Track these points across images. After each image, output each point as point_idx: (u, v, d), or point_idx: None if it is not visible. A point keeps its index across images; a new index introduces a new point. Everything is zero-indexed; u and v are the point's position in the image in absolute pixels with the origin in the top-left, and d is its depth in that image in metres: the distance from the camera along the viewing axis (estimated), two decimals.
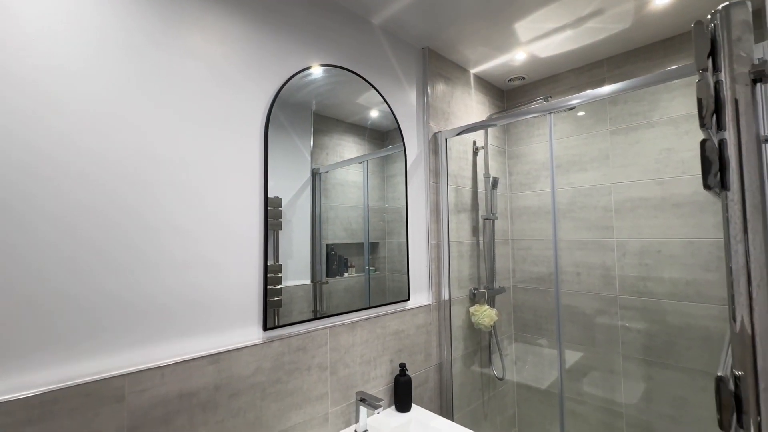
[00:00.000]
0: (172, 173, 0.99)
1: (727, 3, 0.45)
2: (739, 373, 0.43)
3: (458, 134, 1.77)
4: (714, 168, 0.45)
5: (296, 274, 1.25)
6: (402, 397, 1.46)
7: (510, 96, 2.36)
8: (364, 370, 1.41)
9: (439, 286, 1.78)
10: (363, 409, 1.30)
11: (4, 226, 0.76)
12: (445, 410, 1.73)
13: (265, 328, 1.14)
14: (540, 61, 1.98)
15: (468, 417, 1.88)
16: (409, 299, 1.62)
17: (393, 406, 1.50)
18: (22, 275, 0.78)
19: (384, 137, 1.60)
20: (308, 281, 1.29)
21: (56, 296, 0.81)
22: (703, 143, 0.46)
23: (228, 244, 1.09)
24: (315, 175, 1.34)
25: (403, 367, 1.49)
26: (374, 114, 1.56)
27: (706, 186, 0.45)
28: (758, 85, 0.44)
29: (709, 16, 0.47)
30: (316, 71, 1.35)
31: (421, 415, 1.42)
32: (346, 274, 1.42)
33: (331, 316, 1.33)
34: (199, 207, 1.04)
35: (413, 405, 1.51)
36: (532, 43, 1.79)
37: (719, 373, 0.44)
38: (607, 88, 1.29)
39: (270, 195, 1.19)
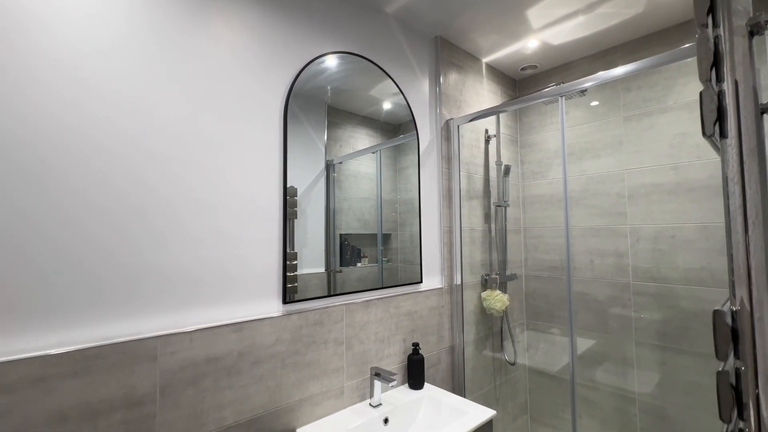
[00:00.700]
0: (199, 154, 1.05)
1: None
2: (737, 308, 0.46)
3: (470, 121, 1.80)
4: (712, 117, 0.48)
5: (311, 262, 1.29)
6: (415, 374, 1.50)
7: (522, 85, 2.37)
8: (378, 348, 1.46)
9: (452, 270, 1.81)
10: (377, 383, 1.35)
11: (59, 197, 0.83)
12: (458, 391, 1.77)
13: (284, 302, 1.20)
14: (552, 49, 1.99)
15: (480, 400, 1.91)
16: (421, 282, 1.66)
17: (406, 384, 1.54)
18: (75, 240, 0.85)
19: (396, 130, 1.63)
20: (322, 269, 1.33)
21: (102, 261, 0.88)
22: (701, 94, 0.48)
23: (250, 221, 1.14)
24: (329, 166, 1.38)
25: (416, 346, 1.53)
26: (387, 106, 1.59)
27: (705, 134, 0.48)
28: (754, 37, 0.47)
29: None
30: (331, 59, 1.39)
31: (433, 392, 1.46)
32: (359, 264, 1.46)
33: (346, 294, 1.37)
34: (224, 186, 1.10)
35: (426, 383, 1.55)
36: (545, 30, 1.80)
37: (717, 308, 0.47)
38: (620, 69, 1.31)
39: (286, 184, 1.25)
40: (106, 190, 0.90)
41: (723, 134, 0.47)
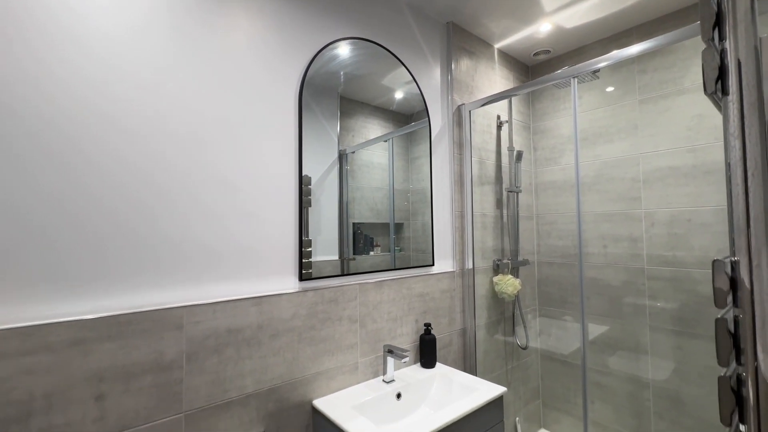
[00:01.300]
0: (219, 135, 1.10)
1: None
2: (735, 258, 0.48)
3: (482, 106, 1.80)
4: (714, 75, 0.49)
5: (324, 249, 1.33)
6: (427, 354, 1.53)
7: (535, 72, 2.35)
8: (390, 327, 1.50)
9: (463, 255, 1.83)
10: (390, 360, 1.39)
11: (84, 178, 0.89)
12: (469, 373, 1.79)
13: (301, 279, 1.25)
14: (566, 33, 1.97)
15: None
16: (433, 265, 1.69)
17: (418, 363, 1.58)
18: (105, 217, 0.91)
19: (408, 120, 1.65)
20: (336, 257, 1.36)
21: (130, 236, 0.94)
22: (704, 53, 0.50)
23: (268, 202, 1.19)
24: (342, 156, 1.41)
25: (427, 326, 1.56)
26: (399, 95, 1.61)
27: (706, 92, 0.50)
28: None
29: None
30: (344, 46, 1.42)
31: (445, 371, 1.49)
32: (371, 253, 1.49)
33: (360, 274, 1.42)
34: (243, 167, 1.14)
35: (437, 363, 1.59)
36: (558, 13, 1.79)
37: (717, 257, 0.49)
38: (634, 48, 1.30)
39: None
40: (129, 169, 0.96)
41: (725, 91, 0.49)
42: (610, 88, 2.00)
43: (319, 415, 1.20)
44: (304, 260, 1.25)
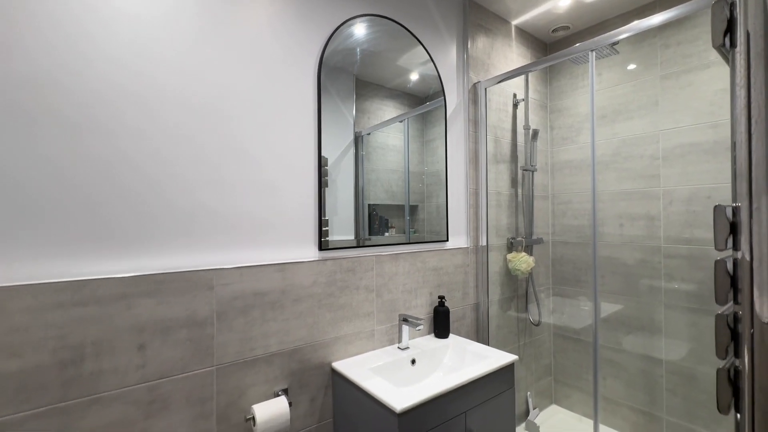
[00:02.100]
0: (242, 111, 1.16)
1: None
2: (737, 204, 0.50)
3: (498, 83, 1.80)
4: (722, 27, 0.51)
5: (341, 230, 1.38)
6: (441, 325, 1.59)
7: (553, 49, 2.32)
8: (405, 298, 1.55)
9: (477, 231, 1.86)
10: (405, 328, 1.45)
11: (130, 150, 0.96)
12: None
13: (320, 249, 1.31)
14: (585, 7, 1.93)
15: None
16: (447, 240, 1.72)
17: (432, 334, 1.64)
18: (144, 184, 0.98)
19: (423, 102, 1.66)
20: (352, 237, 1.41)
21: (167, 203, 1.01)
22: (713, 6, 0.51)
23: (289, 174, 1.25)
24: (357, 138, 1.44)
25: (441, 298, 1.61)
26: (414, 77, 1.62)
27: (714, 45, 0.52)
28: None
29: None
30: (360, 24, 1.44)
31: (458, 341, 1.55)
32: (386, 234, 1.53)
33: (376, 246, 1.47)
34: (266, 141, 1.20)
35: (451, 334, 1.64)
36: None
37: (718, 203, 0.51)
38: (656, 17, 1.27)
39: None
40: (169, 143, 1.03)
41: (733, 43, 0.51)
42: (631, 66, 1.96)
43: (338, 376, 1.28)
44: (322, 234, 1.31)
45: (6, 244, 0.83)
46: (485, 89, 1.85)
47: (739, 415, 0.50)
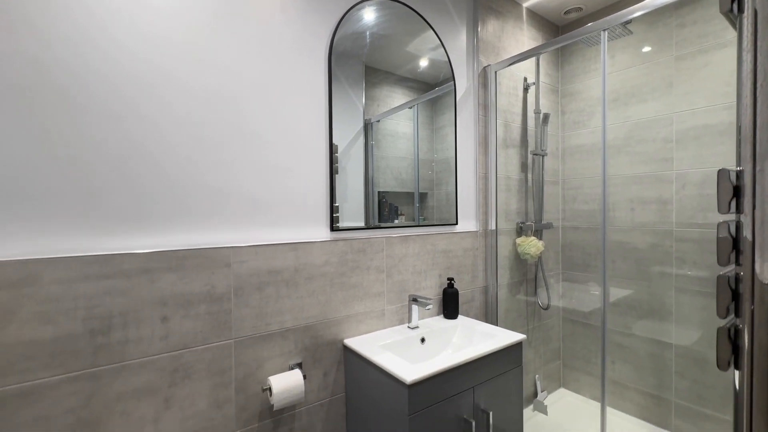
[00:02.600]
0: (256, 95, 1.18)
1: None
2: (740, 168, 0.51)
3: (508, 65, 1.79)
4: None
5: (351, 216, 1.40)
6: (450, 305, 1.62)
7: (565, 32, 2.28)
8: (415, 279, 1.58)
9: (486, 216, 1.87)
10: (415, 308, 1.48)
11: (163, 130, 1.00)
12: None
13: (332, 230, 1.34)
14: None
15: None
16: (457, 224, 1.74)
17: (441, 315, 1.67)
18: (170, 164, 1.02)
19: (433, 88, 1.66)
20: (362, 224, 1.43)
21: (185, 183, 1.06)
22: None
23: (302, 157, 1.28)
24: (367, 125, 1.46)
25: (450, 280, 1.64)
26: (424, 63, 1.62)
27: (722, 11, 0.52)
28: None
29: None
30: (371, 7, 1.44)
31: (467, 321, 1.58)
32: (396, 221, 1.55)
33: (386, 228, 1.50)
34: (280, 125, 1.23)
35: (460, 315, 1.67)
36: None
37: (722, 167, 0.52)
38: None
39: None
40: (193, 125, 1.06)
41: (740, 9, 0.51)
42: (646, 48, 1.93)
43: (350, 352, 1.32)
44: (333, 216, 1.34)
45: (40, 219, 0.88)
46: (495, 72, 1.84)
47: (738, 372, 0.52)
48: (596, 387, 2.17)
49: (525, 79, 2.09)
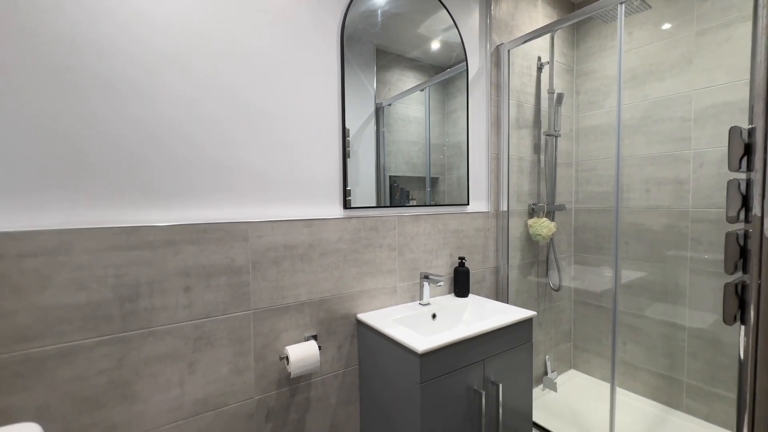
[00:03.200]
0: (273, 75, 1.21)
1: None
2: (752, 126, 0.52)
3: (522, 44, 1.77)
4: None
5: (362, 200, 1.42)
6: (461, 284, 1.64)
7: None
8: (427, 258, 1.61)
9: (498, 196, 1.88)
10: (426, 286, 1.51)
11: (175, 112, 1.04)
12: None
13: (344, 207, 1.37)
14: None
15: None
16: (468, 204, 1.75)
17: (452, 293, 1.70)
18: (187, 141, 1.06)
19: (445, 71, 1.65)
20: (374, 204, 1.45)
21: (207, 161, 1.09)
22: None
23: (315, 138, 1.30)
24: (378, 109, 1.46)
25: (462, 259, 1.66)
26: (435, 45, 1.61)
27: None
28: None
29: None
30: None
31: (478, 299, 1.60)
32: (407, 206, 1.56)
33: (398, 207, 1.52)
34: (293, 104, 1.25)
35: (470, 294, 1.69)
36: None
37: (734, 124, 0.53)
38: None
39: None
40: (212, 106, 1.09)
41: None
42: (666, 25, 1.87)
43: (363, 325, 1.36)
44: (346, 194, 1.37)
45: (72, 193, 0.93)
46: (508, 51, 1.82)
47: (743, 326, 0.54)
48: (607, 368, 2.18)
49: (539, 59, 2.05)
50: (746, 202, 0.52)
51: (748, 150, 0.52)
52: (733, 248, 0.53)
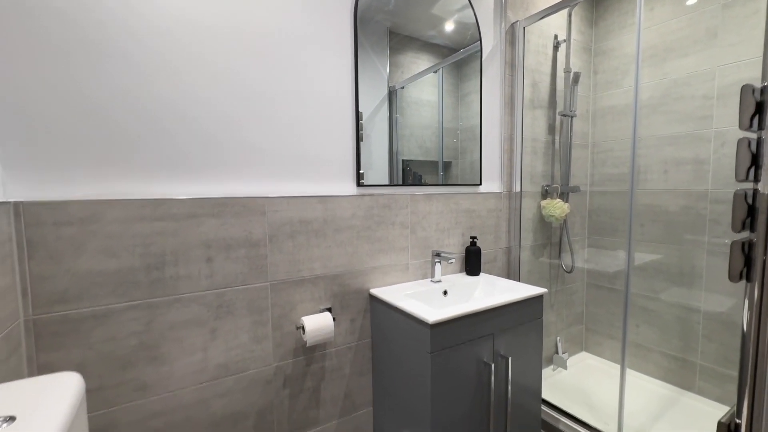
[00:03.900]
0: (290, 55, 1.23)
1: None
2: (765, 84, 0.52)
3: (538, 20, 1.74)
4: None
5: (375, 181, 1.43)
6: (472, 263, 1.66)
7: None
8: (438, 237, 1.63)
9: (511, 177, 1.87)
10: (438, 263, 1.54)
11: (199, 89, 1.08)
12: None
13: (357, 185, 1.40)
14: None
15: None
16: (480, 184, 1.76)
17: (464, 272, 1.72)
18: (208, 119, 1.10)
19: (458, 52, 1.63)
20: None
21: (228, 138, 1.13)
22: None
23: (329, 118, 1.32)
24: (391, 93, 1.46)
25: (473, 238, 1.67)
26: (449, 27, 1.59)
27: None
28: None
29: None
30: None
31: (489, 278, 1.62)
32: (420, 185, 1.57)
33: (410, 186, 1.54)
34: (307, 84, 1.27)
35: (482, 272, 1.71)
36: None
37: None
38: None
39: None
40: (239, 84, 1.13)
41: None
42: (691, 1, 1.80)
43: (376, 300, 1.41)
44: (360, 173, 1.39)
45: (101, 166, 0.98)
46: (524, 29, 1.79)
47: (749, 284, 0.55)
48: (619, 350, 2.18)
49: (555, 37, 2.01)
50: (756, 161, 0.53)
51: (760, 108, 0.52)
52: (741, 207, 0.54)
